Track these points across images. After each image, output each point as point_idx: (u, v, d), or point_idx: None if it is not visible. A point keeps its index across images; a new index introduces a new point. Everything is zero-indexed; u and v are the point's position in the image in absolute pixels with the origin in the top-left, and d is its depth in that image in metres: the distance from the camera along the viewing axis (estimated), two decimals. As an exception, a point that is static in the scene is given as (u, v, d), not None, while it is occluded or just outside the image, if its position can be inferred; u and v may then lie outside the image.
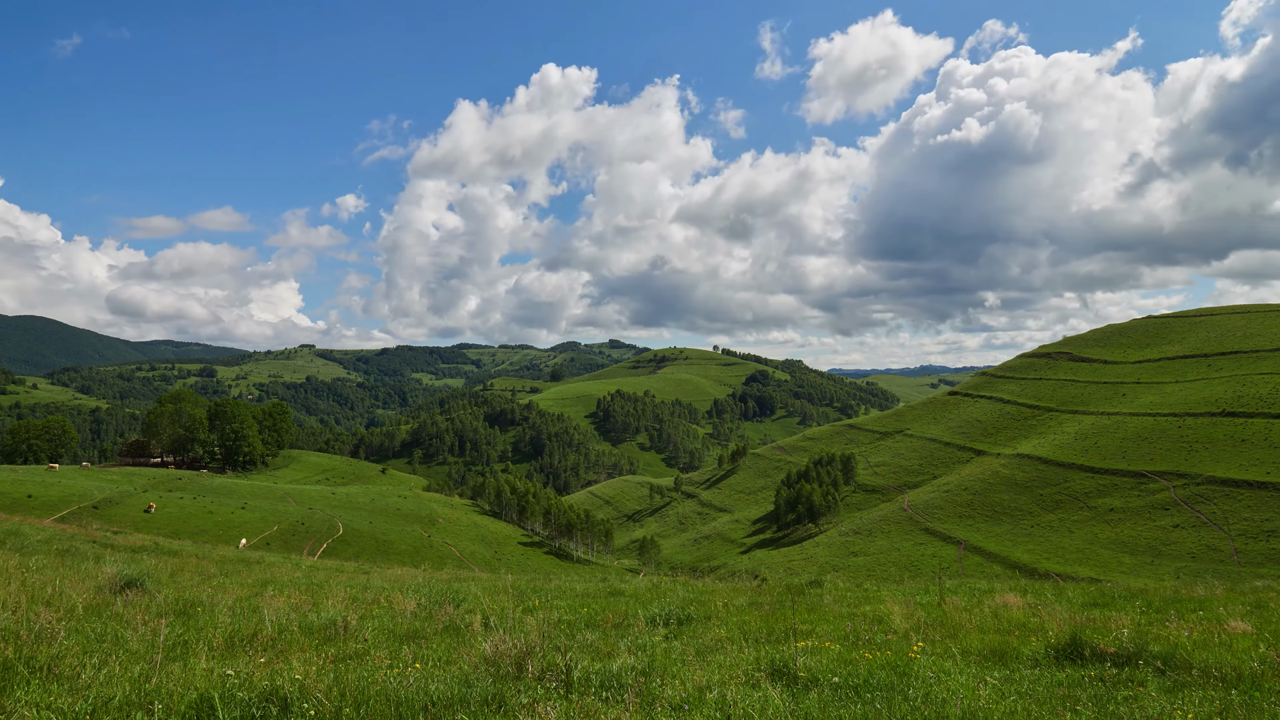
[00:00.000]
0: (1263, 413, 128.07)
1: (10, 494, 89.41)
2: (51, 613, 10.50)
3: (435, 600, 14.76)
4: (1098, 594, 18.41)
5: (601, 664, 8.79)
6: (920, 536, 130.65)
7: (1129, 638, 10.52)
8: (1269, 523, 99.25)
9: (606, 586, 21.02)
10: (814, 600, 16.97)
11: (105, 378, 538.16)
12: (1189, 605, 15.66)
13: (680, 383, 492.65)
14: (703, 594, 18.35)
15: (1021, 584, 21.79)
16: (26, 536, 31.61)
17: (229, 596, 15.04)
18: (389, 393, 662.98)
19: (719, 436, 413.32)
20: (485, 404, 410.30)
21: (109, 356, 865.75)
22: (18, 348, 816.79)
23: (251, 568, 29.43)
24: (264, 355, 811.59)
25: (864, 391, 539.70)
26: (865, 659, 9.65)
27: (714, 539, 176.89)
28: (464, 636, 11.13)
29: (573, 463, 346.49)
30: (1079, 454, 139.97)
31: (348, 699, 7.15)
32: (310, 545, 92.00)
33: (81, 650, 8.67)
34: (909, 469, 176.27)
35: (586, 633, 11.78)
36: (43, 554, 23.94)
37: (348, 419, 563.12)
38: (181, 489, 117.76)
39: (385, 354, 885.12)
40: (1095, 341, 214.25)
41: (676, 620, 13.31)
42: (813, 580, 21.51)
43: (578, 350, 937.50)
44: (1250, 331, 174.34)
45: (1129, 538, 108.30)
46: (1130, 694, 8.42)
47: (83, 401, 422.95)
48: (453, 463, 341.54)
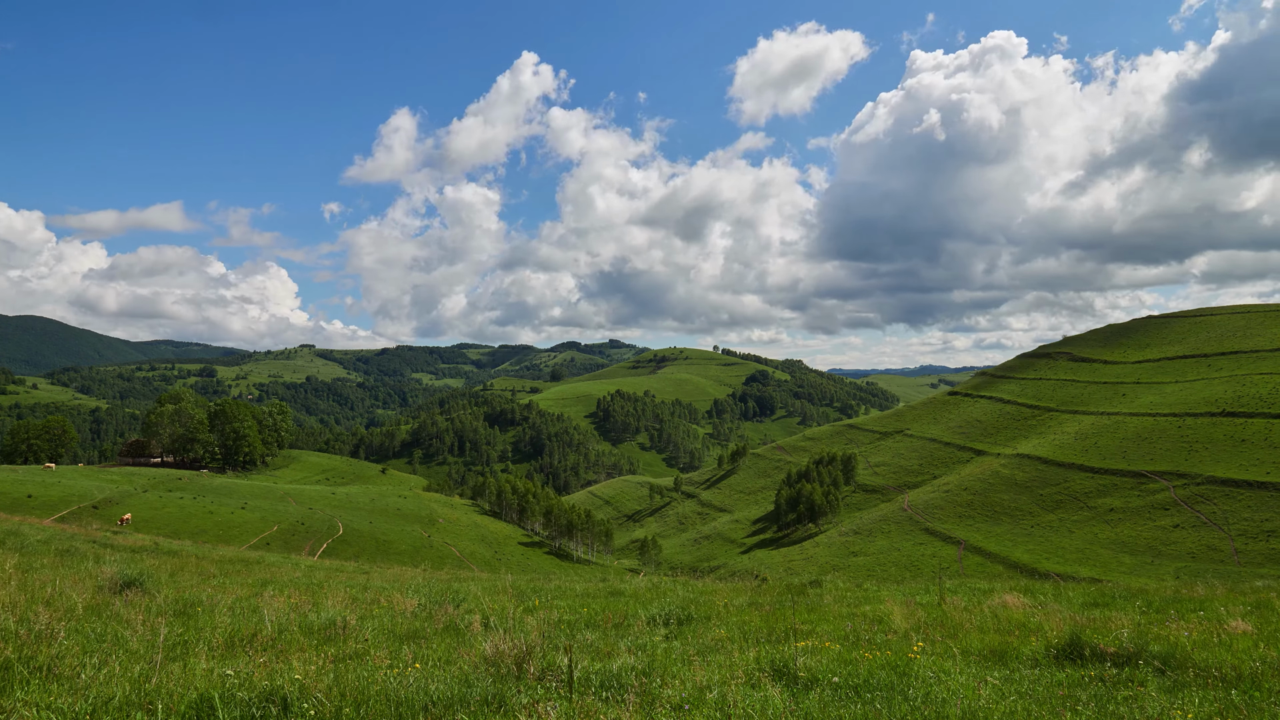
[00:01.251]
0: (1263, 413, 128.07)
1: (10, 494, 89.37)
2: (51, 613, 10.50)
3: (435, 600, 14.75)
4: (1098, 594, 18.41)
5: (602, 664, 8.79)
6: (920, 536, 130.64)
7: (1129, 638, 10.52)
8: (1269, 523, 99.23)
9: (606, 586, 21.02)
10: (814, 600, 16.97)
11: (105, 378, 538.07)
12: (1189, 605, 15.66)
13: (680, 383, 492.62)
14: (703, 594, 18.34)
15: (1021, 584, 21.78)
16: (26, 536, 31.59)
17: (229, 596, 15.04)
18: (389, 393, 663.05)
19: (719, 436, 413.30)
20: (485, 404, 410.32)
21: (109, 356, 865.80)
22: (18, 348, 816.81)
23: (251, 568, 29.44)
24: (264, 355, 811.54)
25: (864, 391, 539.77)
26: (865, 659, 9.64)
27: (714, 539, 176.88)
28: (464, 636, 11.13)
29: (573, 463, 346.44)
30: (1079, 454, 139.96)
31: (348, 699, 7.15)
32: (310, 545, 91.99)
33: (81, 650, 8.66)
34: (909, 469, 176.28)
35: (587, 633, 11.77)
36: (43, 554, 23.94)
37: (348, 419, 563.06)
38: (181, 489, 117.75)
39: (385, 354, 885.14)
40: (1095, 341, 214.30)
41: (677, 620, 13.31)
42: (813, 580, 21.51)
43: (578, 350, 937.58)
44: (1250, 331, 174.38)
45: (1129, 538, 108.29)
46: (1130, 694, 8.42)
47: (83, 401, 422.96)
48: (453, 463, 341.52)
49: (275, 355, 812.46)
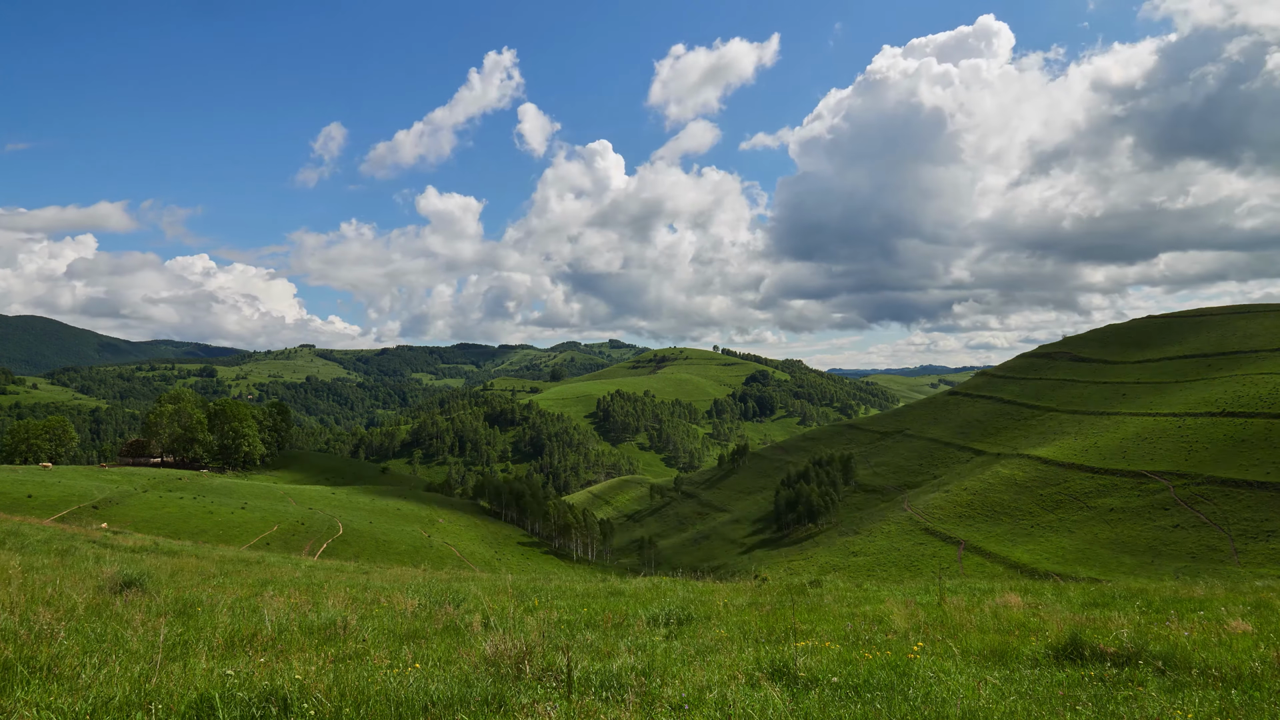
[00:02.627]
0: (1263, 413, 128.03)
1: (10, 494, 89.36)
2: (51, 613, 10.50)
3: (435, 600, 14.75)
4: (1098, 594, 18.41)
5: (601, 664, 8.79)
6: (920, 536, 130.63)
7: (1129, 638, 10.52)
8: (1269, 523, 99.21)
9: (606, 586, 21.02)
10: (814, 600, 16.97)
11: (105, 378, 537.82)
12: (1189, 605, 15.66)
13: (680, 383, 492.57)
14: (703, 594, 18.34)
15: (1021, 584, 21.78)
16: (26, 536, 31.57)
17: (229, 596, 15.04)
18: (389, 393, 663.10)
19: (719, 436, 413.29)
20: (485, 404, 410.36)
21: (109, 356, 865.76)
22: (18, 348, 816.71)
23: (251, 568, 29.41)
24: (264, 355, 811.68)
25: (864, 391, 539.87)
26: (865, 659, 9.64)
27: (714, 539, 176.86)
28: (464, 636, 11.13)
29: (572, 463, 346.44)
30: (1079, 454, 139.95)
31: (348, 699, 7.15)
32: (310, 545, 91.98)
33: (81, 650, 8.66)
34: (909, 469, 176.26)
35: (586, 633, 11.77)
36: (43, 554, 23.93)
37: (348, 419, 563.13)
38: (181, 489, 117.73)
39: (385, 354, 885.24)
40: (1095, 341, 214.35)
41: (676, 620, 13.31)
42: (812, 580, 21.50)
43: (578, 350, 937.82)
44: (1250, 331, 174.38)
45: (1129, 538, 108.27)
46: (1130, 694, 8.42)
47: (83, 401, 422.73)
48: (453, 462, 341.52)
49: (275, 355, 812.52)
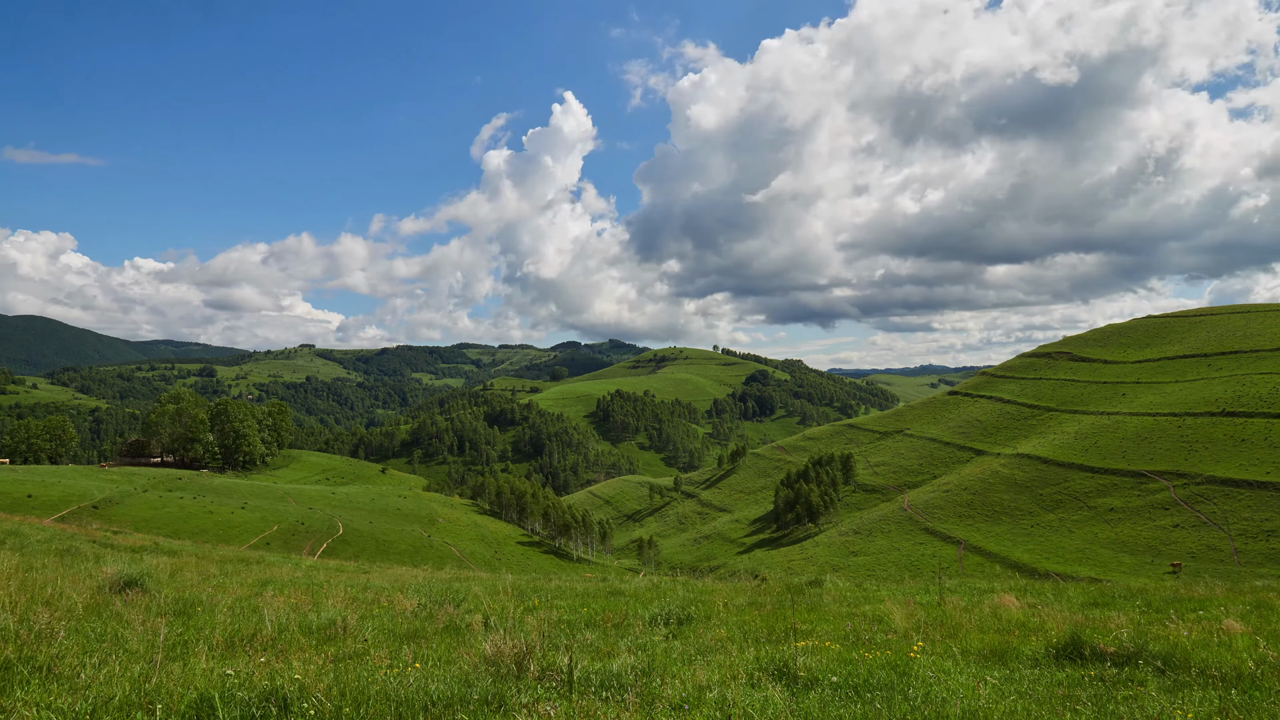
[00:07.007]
0: (1263, 413, 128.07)
1: (10, 494, 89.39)
2: (51, 612, 10.50)
3: (435, 600, 14.75)
4: (1097, 594, 18.41)
5: (602, 664, 8.79)
6: (920, 536, 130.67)
7: (1129, 637, 10.52)
8: (1269, 523, 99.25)
9: (606, 586, 21.01)
10: (814, 600, 16.96)
11: (105, 378, 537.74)
12: (1189, 605, 15.66)
13: (680, 382, 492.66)
14: (703, 594, 18.33)
15: (1021, 584, 21.78)
16: (26, 536, 31.59)
17: (229, 596, 15.03)
18: (389, 392, 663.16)
19: (719, 436, 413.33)
20: (485, 404, 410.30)
21: (109, 356, 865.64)
22: (18, 348, 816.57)
23: (251, 567, 29.40)
24: (264, 355, 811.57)
25: (864, 391, 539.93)
26: (865, 659, 9.64)
27: (714, 539, 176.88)
28: (464, 636, 11.12)
29: (572, 462, 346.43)
30: (1079, 454, 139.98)
31: (348, 699, 7.14)
32: (310, 545, 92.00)
33: (81, 650, 8.66)
34: (909, 469, 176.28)
35: (587, 632, 11.77)
36: (43, 554, 23.92)
37: (348, 419, 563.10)
38: (181, 489, 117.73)
39: (385, 354, 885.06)
40: (1095, 341, 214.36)
41: (677, 620, 13.31)
42: (812, 580, 21.49)
43: (577, 350, 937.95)
44: (1250, 331, 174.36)
45: (1129, 537, 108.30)
46: (1130, 693, 8.42)
47: (83, 401, 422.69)
48: (453, 462, 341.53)
49: (275, 355, 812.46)
